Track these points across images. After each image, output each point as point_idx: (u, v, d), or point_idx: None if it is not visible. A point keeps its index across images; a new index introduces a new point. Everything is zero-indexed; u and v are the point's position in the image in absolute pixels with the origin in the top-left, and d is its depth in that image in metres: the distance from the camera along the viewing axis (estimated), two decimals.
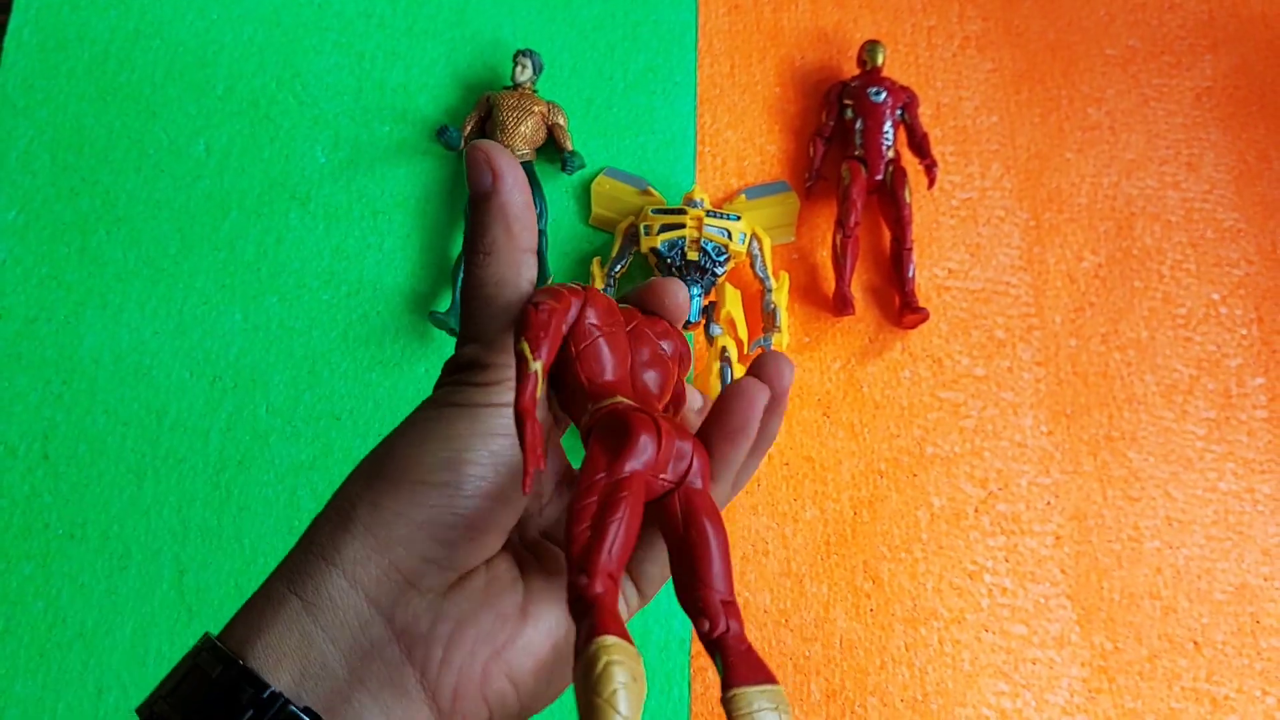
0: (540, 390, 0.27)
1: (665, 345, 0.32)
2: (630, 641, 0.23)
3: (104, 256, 0.76)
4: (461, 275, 0.73)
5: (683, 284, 0.33)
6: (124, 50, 0.82)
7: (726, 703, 0.23)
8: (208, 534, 0.68)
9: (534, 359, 0.27)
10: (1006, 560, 0.70)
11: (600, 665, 0.21)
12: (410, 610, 0.28)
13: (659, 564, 0.31)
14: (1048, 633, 0.68)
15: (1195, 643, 0.68)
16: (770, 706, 0.23)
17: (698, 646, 0.67)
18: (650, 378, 0.31)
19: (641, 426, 0.26)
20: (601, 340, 0.29)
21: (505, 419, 0.29)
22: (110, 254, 0.76)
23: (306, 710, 0.27)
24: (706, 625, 0.24)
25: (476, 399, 0.30)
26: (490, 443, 0.29)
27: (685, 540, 0.26)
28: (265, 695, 0.26)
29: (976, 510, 0.71)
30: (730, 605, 0.25)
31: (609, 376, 0.29)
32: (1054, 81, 0.85)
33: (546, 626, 0.30)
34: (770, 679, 0.24)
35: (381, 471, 0.29)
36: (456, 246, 0.77)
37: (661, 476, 0.27)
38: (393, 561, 0.28)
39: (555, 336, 0.28)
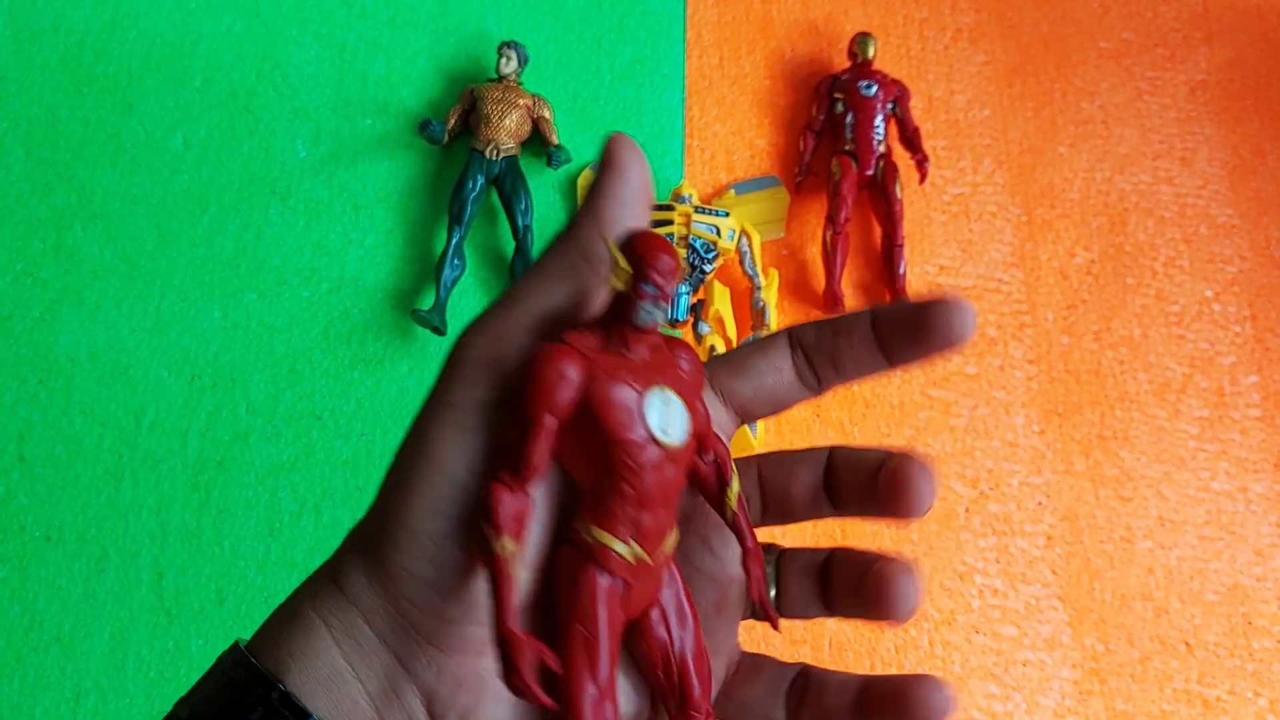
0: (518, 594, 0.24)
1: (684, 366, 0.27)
2: None
3: (80, 253, 0.74)
4: (446, 272, 0.72)
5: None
6: (100, 42, 0.80)
7: None
8: (187, 536, 0.67)
9: (508, 546, 0.24)
10: (997, 561, 0.69)
11: None
12: (430, 666, 0.26)
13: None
14: (1039, 634, 0.67)
15: (1187, 644, 0.67)
16: None
17: None
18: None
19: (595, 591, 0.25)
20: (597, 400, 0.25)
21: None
22: (86, 250, 0.74)
23: None
24: None
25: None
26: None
27: (668, 676, 0.27)
28: None
29: (967, 510, 0.70)
30: (709, 715, 0.27)
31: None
32: (1047, 75, 0.84)
33: None
34: None
35: (387, 510, 0.26)
36: (439, 242, 0.75)
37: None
38: (404, 615, 0.26)
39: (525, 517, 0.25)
